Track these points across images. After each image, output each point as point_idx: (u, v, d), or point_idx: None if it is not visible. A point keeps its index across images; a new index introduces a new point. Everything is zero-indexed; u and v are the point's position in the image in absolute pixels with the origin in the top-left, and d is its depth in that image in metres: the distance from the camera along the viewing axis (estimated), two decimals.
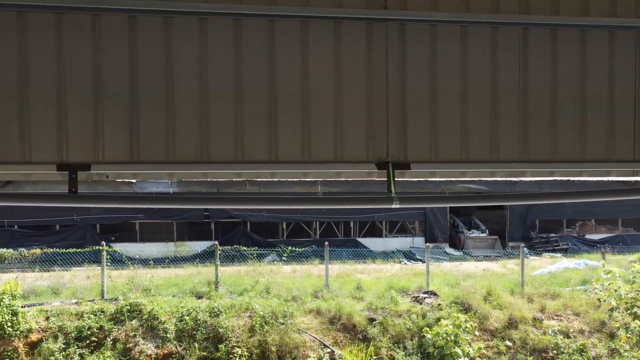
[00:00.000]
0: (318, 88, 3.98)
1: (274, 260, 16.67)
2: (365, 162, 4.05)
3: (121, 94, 3.77)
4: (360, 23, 3.99)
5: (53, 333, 11.67)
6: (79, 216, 17.92)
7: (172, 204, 4.15)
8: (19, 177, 4.14)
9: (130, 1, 3.68)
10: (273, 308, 12.60)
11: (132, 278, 13.74)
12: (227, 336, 11.96)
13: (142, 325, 12.05)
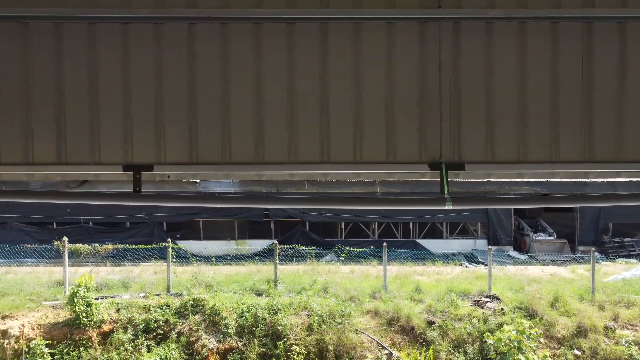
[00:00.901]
0: (370, 89, 3.98)
1: (332, 260, 16.76)
2: (418, 162, 4.00)
3: (181, 99, 3.95)
4: (413, 23, 3.95)
5: (123, 324, 12.34)
6: (148, 214, 18.83)
7: (229, 203, 4.30)
8: (91, 177, 4.45)
9: (187, 9, 3.85)
10: (331, 307, 12.67)
11: (195, 274, 14.28)
12: (286, 334, 12.16)
13: (205, 320, 12.50)
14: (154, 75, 3.95)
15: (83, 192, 12.10)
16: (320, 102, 3.97)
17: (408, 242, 19.31)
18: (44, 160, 3.96)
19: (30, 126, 3.95)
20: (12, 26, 3.92)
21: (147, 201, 4.09)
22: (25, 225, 18.64)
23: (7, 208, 18.33)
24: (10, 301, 12.92)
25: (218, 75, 3.95)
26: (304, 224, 19.45)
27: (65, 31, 3.93)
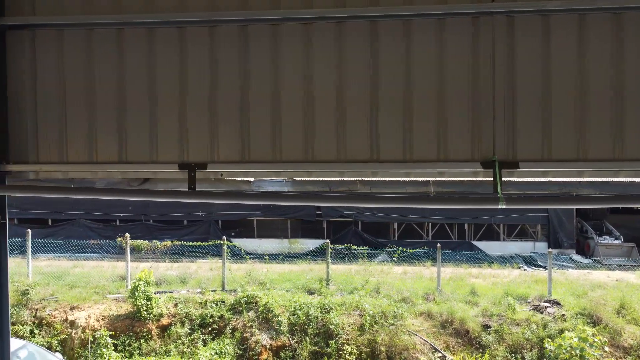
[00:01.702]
0: (421, 86, 3.92)
1: (385, 260, 16.64)
2: (470, 161, 3.90)
3: (233, 100, 4.06)
4: (465, 18, 3.86)
5: (180, 319, 12.79)
6: (204, 212, 19.41)
7: (280, 201, 4.38)
8: (149, 176, 4.66)
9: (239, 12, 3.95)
10: (383, 308, 12.59)
11: (249, 272, 14.59)
12: (337, 333, 12.19)
13: (258, 316, 12.74)
14: (208, 76, 4.07)
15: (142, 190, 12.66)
16: (370, 100, 3.95)
17: (463, 243, 18.85)
18: (107, 159, 4.18)
19: (95, 127, 4.17)
20: (78, 33, 4.16)
21: (200, 198, 4.22)
22: (90, 222, 19.67)
23: (75, 205, 19.43)
24: (78, 293, 13.68)
25: (269, 76, 4.03)
26: (356, 223, 19.41)
27: (126, 37, 4.13)
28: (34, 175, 4.42)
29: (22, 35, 4.22)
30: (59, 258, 17.41)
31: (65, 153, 4.21)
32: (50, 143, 4.22)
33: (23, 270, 14.49)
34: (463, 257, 16.98)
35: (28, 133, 4.23)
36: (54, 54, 4.19)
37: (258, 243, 18.60)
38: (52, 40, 4.20)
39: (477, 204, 4.34)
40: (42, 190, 4.51)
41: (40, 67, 4.23)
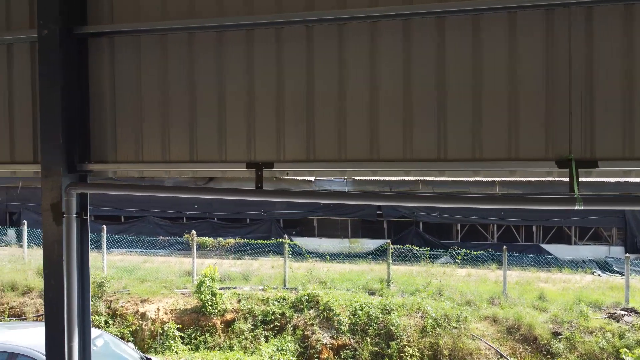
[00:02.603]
0: (490, 83, 3.79)
1: (447, 262, 16.27)
2: (544, 159, 3.72)
3: (299, 99, 4.10)
4: (538, 11, 3.69)
5: (243, 315, 13.11)
6: (266, 211, 19.79)
7: (342, 200, 4.38)
8: (218, 174, 4.81)
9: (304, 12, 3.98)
10: (446, 311, 12.32)
11: (310, 270, 14.72)
12: (399, 334, 12.06)
13: (319, 315, 12.82)
14: (274, 77, 4.14)
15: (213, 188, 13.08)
16: (437, 97, 3.86)
17: (531, 246, 18.08)
18: (179, 158, 4.35)
19: (168, 128, 4.36)
20: (153, 38, 4.36)
21: (267, 196, 4.31)
22: (159, 219, 20.56)
23: (146, 203, 20.39)
24: (148, 287, 14.35)
25: (334, 75, 4.04)
26: (418, 224, 19.10)
27: (197, 41, 4.28)
28: (112, 174, 4.68)
29: (102, 42, 4.47)
30: (131, 253, 18.34)
31: (141, 152, 4.42)
32: (127, 143, 4.45)
33: (99, 264, 15.38)
34: (531, 260, 16.28)
35: (107, 134, 4.48)
36: (131, 59, 4.42)
37: (318, 242, 18.72)
38: (129, 45, 4.42)
39: (553, 205, 4.13)
40: (120, 187, 4.77)
41: (118, 71, 4.47)
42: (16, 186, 22.10)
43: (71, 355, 4.28)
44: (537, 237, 18.47)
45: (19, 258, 17.22)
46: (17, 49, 4.63)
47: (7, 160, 4.72)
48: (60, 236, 4.28)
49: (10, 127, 4.68)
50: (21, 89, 4.64)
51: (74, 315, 4.31)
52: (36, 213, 19.90)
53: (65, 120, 4.28)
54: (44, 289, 4.39)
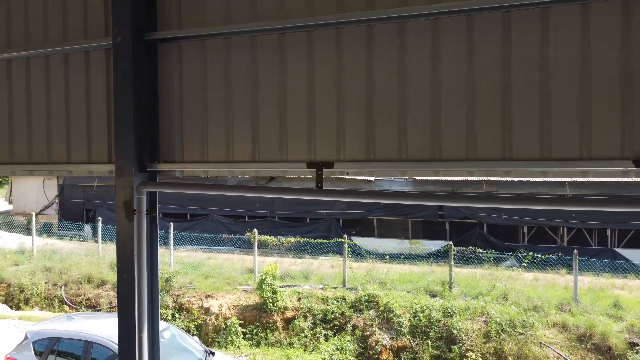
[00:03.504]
0: (560, 78, 3.60)
1: (513, 265, 15.67)
2: (619, 159, 3.49)
3: (359, 99, 4.09)
4: (614, 1, 3.47)
5: (303, 313, 13.25)
6: (325, 210, 19.89)
7: (402, 200, 4.32)
8: (278, 174, 4.89)
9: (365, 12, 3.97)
10: (511, 316, 11.88)
11: (370, 270, 14.65)
12: (461, 338, 11.76)
13: (379, 316, 12.74)
14: (335, 77, 4.15)
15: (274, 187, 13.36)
16: (502, 94, 3.72)
17: (604, 250, 17.05)
18: (242, 158, 4.47)
19: (232, 129, 4.48)
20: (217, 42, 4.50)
21: (327, 196, 4.33)
22: (222, 218, 21.18)
23: (210, 202, 21.06)
24: (212, 283, 14.83)
25: (395, 74, 3.99)
26: (481, 225, 18.52)
27: (259, 44, 4.37)
28: (179, 174, 4.87)
29: (171, 47, 4.67)
30: (196, 250, 19.02)
31: (206, 153, 4.57)
32: (193, 144, 4.62)
33: (166, 260, 16.06)
34: (604, 265, 15.37)
35: (175, 135, 4.67)
36: (197, 62, 4.58)
37: (378, 242, 18.60)
38: (195, 49, 4.59)
39: (628, 207, 3.86)
40: (186, 186, 4.95)
41: (185, 75, 4.65)
42: (92, 185, 23.53)
43: (141, 346, 4.50)
44: (611, 241, 17.40)
45: (94, 252, 18.31)
46: (94, 56, 4.93)
47: (85, 160, 5.03)
48: (132, 232, 4.51)
49: (88, 129, 4.98)
50: (97, 93, 4.94)
51: (144, 308, 4.53)
52: (110, 210, 21.08)
53: (136, 122, 4.50)
54: (117, 282, 4.64)
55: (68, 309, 15.50)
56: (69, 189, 24.26)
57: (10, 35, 5.27)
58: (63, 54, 5.03)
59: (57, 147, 5.15)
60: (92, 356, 8.98)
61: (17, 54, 5.19)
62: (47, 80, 5.14)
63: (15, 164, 5.38)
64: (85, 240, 21.12)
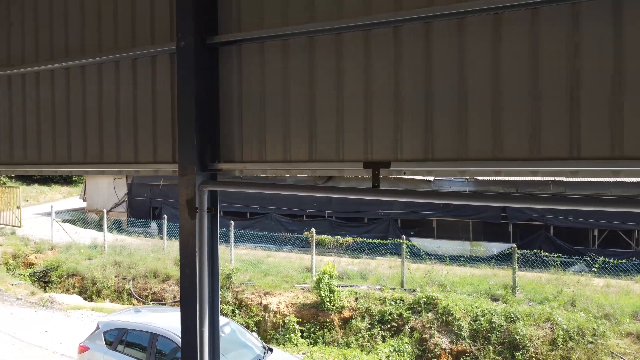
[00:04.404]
0: (633, 73, 3.38)
1: (582, 270, 14.89)
2: None
3: (417, 97, 4.02)
4: None
5: (360, 313, 13.21)
6: (383, 211, 19.74)
7: (462, 201, 4.20)
8: (335, 174, 4.90)
9: (424, 9, 3.90)
10: (580, 323, 11.30)
11: (429, 272, 14.39)
12: (524, 344, 11.32)
13: (438, 318, 12.49)
14: (392, 76, 4.11)
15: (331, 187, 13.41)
16: (570, 90, 3.53)
17: None
18: (299, 158, 4.51)
19: (289, 129, 4.54)
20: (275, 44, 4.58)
21: (384, 196, 4.29)
22: (281, 217, 21.50)
23: (269, 201, 21.45)
24: (270, 280, 15.09)
25: (454, 72, 3.89)
26: (547, 228, 17.73)
27: (316, 44, 4.40)
28: (239, 173, 4.99)
29: (231, 50, 4.79)
30: (255, 248, 19.43)
31: (265, 153, 4.66)
32: (252, 144, 4.71)
33: (227, 257, 16.52)
34: None
35: (235, 135, 4.79)
36: (256, 64, 4.67)
37: (438, 244, 18.24)
38: (254, 51, 4.69)
39: None
40: (246, 185, 5.07)
41: (244, 77, 4.76)
42: (158, 184, 24.59)
43: (202, 340, 4.65)
44: None
45: (159, 248, 19.14)
46: (159, 61, 5.14)
47: (151, 160, 5.26)
48: (194, 229, 4.67)
49: (153, 130, 5.21)
50: (162, 96, 5.15)
51: (205, 303, 4.67)
52: (174, 208, 21.95)
53: (198, 124, 4.66)
54: (180, 278, 4.82)
55: (135, 301, 16.29)
56: (137, 188, 25.50)
57: (84, 43, 5.60)
58: (131, 59, 5.29)
59: (125, 147, 5.42)
60: (157, 347, 9.38)
61: (90, 60, 5.51)
62: (117, 85, 5.42)
63: (89, 164, 5.71)
64: (152, 236, 22.11)
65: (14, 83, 6.20)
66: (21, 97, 6.15)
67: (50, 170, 6.12)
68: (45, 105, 5.95)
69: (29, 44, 6.00)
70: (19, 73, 6.10)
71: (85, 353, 9.88)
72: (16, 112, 6.21)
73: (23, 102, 6.13)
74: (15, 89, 6.20)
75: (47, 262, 18.94)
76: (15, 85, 6.19)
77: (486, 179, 17.60)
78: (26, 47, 6.03)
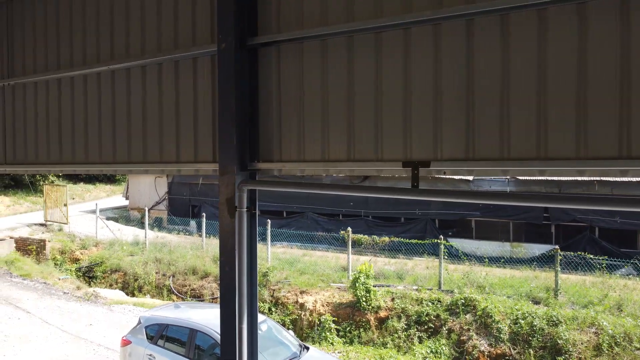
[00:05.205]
0: None
1: (629, 273, 14.33)
2: None
3: (456, 96, 3.95)
4: None
5: (397, 313, 13.11)
6: (421, 210, 19.52)
7: (504, 201, 4.10)
8: (373, 173, 4.88)
9: (435, 11, 3.83)
10: (627, 328, 10.89)
11: (467, 273, 14.14)
12: (567, 349, 10.99)
13: (476, 320, 12.27)
14: (432, 73, 4.05)
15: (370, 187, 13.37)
16: (620, 86, 3.39)
17: None
18: (337, 157, 4.51)
19: (328, 128, 4.55)
20: (314, 44, 4.59)
21: (424, 196, 4.24)
22: (317, 216, 21.57)
23: (305, 200, 21.56)
24: (306, 279, 15.16)
25: (497, 69, 3.81)
26: (592, 229, 17.13)
27: (355, 44, 4.38)
28: (277, 172, 5.04)
29: (270, 50, 4.84)
30: (292, 246, 19.57)
31: (303, 152, 4.68)
32: (290, 143, 4.75)
33: (263, 255, 16.70)
34: None
35: (273, 135, 4.84)
36: (295, 64, 4.70)
37: (476, 244, 17.90)
38: (293, 52, 4.71)
39: None
40: (284, 185, 5.11)
41: (283, 77, 4.80)
42: (197, 183, 25.09)
43: (241, 336, 4.72)
44: None
45: (198, 246, 19.53)
46: (200, 62, 5.25)
47: (192, 160, 5.38)
48: (233, 228, 4.74)
49: (195, 130, 5.32)
50: (203, 97, 5.25)
51: (243, 300, 4.75)
52: (213, 207, 22.35)
53: (237, 124, 4.73)
54: (219, 275, 4.90)
55: (175, 297, 16.68)
56: (177, 187, 26.10)
57: (128, 47, 5.77)
58: (174, 61, 5.41)
59: (167, 147, 5.56)
60: (197, 343, 9.57)
61: (135, 63, 5.68)
62: (160, 86, 5.56)
63: (133, 163, 5.88)
64: (191, 234, 22.57)
65: (64, 85, 6.45)
66: (70, 100, 6.39)
67: (96, 169, 6.33)
68: (92, 107, 6.17)
69: (77, 48, 6.23)
70: (68, 76, 6.34)
71: (127, 346, 10.19)
72: (65, 114, 6.46)
73: (72, 104, 6.37)
74: (64, 91, 6.45)
75: (92, 258, 19.62)
76: (65, 88, 6.44)
77: (528, 178, 17.16)
78: (74, 51, 6.26)
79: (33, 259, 19.63)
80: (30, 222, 23.05)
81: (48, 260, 19.81)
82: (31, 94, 6.79)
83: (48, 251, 20.19)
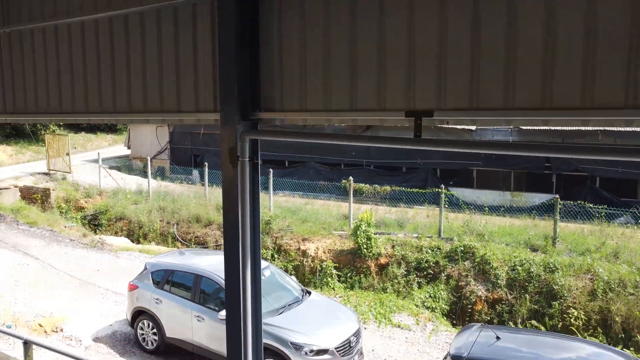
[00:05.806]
0: None
1: (627, 222, 14.50)
2: None
3: (461, 46, 3.86)
4: None
5: (397, 260, 13.40)
6: (422, 160, 19.54)
7: (506, 150, 4.08)
8: (376, 123, 4.84)
9: None
10: (622, 275, 11.15)
11: (467, 222, 14.33)
12: (562, 295, 11.30)
13: (474, 267, 12.55)
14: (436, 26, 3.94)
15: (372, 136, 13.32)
16: (630, 38, 3.30)
17: None
18: (340, 107, 4.47)
19: (330, 79, 4.47)
20: None
21: (427, 146, 4.22)
22: (319, 165, 21.62)
23: (307, 150, 21.54)
24: (308, 227, 15.39)
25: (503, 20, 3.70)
26: (593, 179, 17.19)
27: None
28: (279, 122, 5.00)
29: (272, 2, 4.68)
30: (294, 195, 19.73)
31: (305, 102, 4.63)
32: (292, 93, 4.68)
33: (266, 204, 16.87)
34: None
35: (275, 85, 4.76)
36: (296, 19, 4.55)
37: (477, 194, 18.02)
38: (295, 5, 4.55)
39: None
40: (286, 134, 5.09)
41: (284, 23, 4.66)
42: (199, 132, 25.00)
43: (245, 281, 4.85)
44: None
45: (201, 195, 19.70)
46: (200, 8, 5.09)
47: (193, 109, 5.33)
48: (236, 177, 4.77)
49: (195, 80, 5.24)
50: (203, 45, 5.13)
51: (247, 247, 4.84)
52: (215, 156, 22.37)
53: (239, 72, 4.65)
54: (223, 223, 4.97)
55: (180, 244, 17.01)
56: (178, 136, 26.02)
57: None
58: (173, 7, 5.26)
59: (168, 97, 5.49)
60: (202, 288, 9.85)
61: (133, 10, 5.52)
62: (159, 34, 5.43)
63: (133, 113, 5.84)
64: (194, 183, 22.72)
65: (60, 34, 6.31)
66: (67, 48, 6.26)
67: (97, 119, 6.30)
68: (90, 56, 6.06)
69: None
70: (64, 24, 6.19)
71: (135, 291, 10.50)
72: (63, 63, 6.35)
73: (70, 52, 6.25)
74: (61, 39, 6.31)
75: (97, 207, 19.86)
76: (62, 36, 6.30)
77: (531, 128, 17.05)
78: None
79: (38, 208, 19.88)
80: (34, 171, 23.17)
81: (53, 209, 20.07)
82: (28, 43, 6.65)
83: (53, 200, 20.41)
